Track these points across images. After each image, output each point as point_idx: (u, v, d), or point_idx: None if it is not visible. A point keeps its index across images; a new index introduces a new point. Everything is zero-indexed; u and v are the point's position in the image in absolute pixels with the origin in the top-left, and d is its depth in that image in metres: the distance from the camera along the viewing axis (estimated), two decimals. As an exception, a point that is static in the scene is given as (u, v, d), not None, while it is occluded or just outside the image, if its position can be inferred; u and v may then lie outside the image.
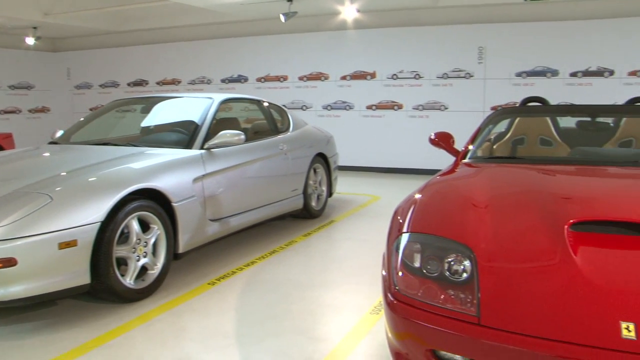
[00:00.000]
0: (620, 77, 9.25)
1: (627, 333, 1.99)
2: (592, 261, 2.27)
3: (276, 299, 4.11)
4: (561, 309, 2.13)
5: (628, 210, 2.62)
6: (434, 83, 10.20)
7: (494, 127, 4.41)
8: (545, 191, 2.95)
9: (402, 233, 2.59)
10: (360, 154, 10.69)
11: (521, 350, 2.07)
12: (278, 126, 6.36)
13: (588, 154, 4.03)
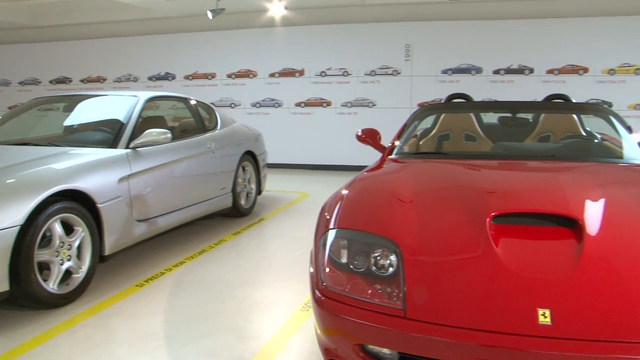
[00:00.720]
0: (540, 75, 9.63)
1: (543, 319, 2.08)
2: (511, 252, 2.36)
3: (206, 298, 4.07)
4: (483, 299, 2.20)
5: (545, 202, 2.73)
6: (362, 80, 10.33)
7: (419, 123, 4.51)
8: (469, 185, 3.04)
9: (329, 229, 2.62)
10: (289, 151, 10.72)
11: (445, 341, 2.13)
12: (206, 124, 6.29)
13: (509, 148, 4.17)
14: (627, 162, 3.73)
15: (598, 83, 9.51)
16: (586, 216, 2.50)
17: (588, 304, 2.13)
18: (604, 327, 2.07)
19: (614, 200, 2.80)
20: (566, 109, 4.74)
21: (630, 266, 2.28)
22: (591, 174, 3.42)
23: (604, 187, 3.04)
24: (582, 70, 9.55)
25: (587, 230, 2.40)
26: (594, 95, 9.45)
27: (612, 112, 4.37)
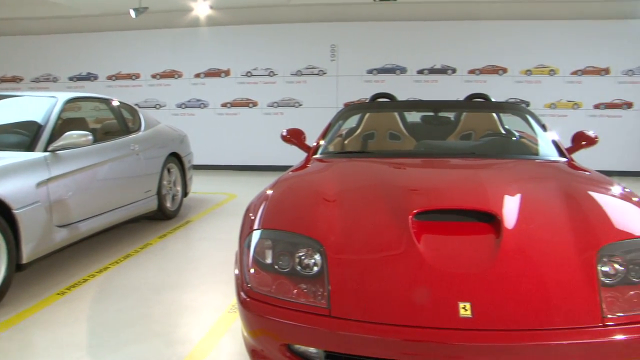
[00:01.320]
0: (462, 75, 9.91)
1: (464, 312, 2.15)
2: (433, 248, 2.42)
3: (131, 304, 3.98)
4: (406, 295, 2.25)
5: (465, 198, 2.82)
6: (288, 80, 10.34)
7: (343, 123, 4.56)
8: (392, 184, 3.10)
9: (254, 230, 2.61)
10: (216, 152, 10.61)
11: (370, 337, 2.16)
12: (129, 126, 6.15)
13: (432, 147, 4.27)
14: (543, 158, 3.89)
15: (516, 83, 9.88)
16: (504, 211, 2.59)
17: (506, 296, 2.22)
18: (521, 316, 2.15)
19: (530, 195, 2.91)
20: (486, 108, 4.90)
21: (545, 258, 2.39)
22: (509, 170, 3.55)
23: (521, 183, 3.16)
24: (501, 71, 9.88)
25: (505, 225, 2.48)
26: (513, 94, 9.80)
27: (528, 111, 4.54)
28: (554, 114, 9.76)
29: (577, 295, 2.22)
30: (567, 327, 2.12)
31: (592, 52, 9.78)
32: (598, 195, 2.97)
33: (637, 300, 2.25)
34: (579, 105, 9.88)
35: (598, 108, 9.89)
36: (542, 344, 2.09)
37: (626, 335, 2.14)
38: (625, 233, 2.50)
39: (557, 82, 9.90)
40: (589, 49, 9.77)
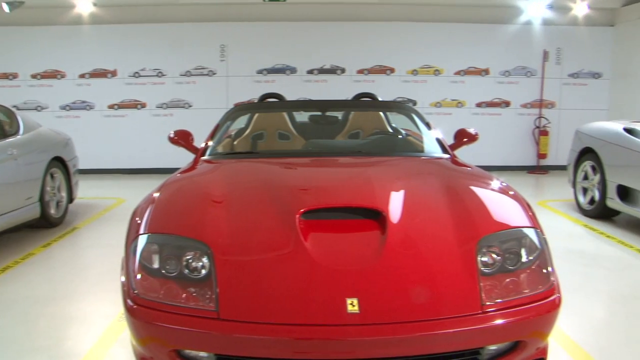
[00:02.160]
0: (351, 75, 10.11)
1: (351, 308, 2.20)
2: (321, 246, 2.45)
3: (12, 320, 3.76)
4: (295, 293, 2.28)
5: (352, 196, 2.89)
6: (177, 81, 10.15)
7: (232, 123, 4.53)
8: (280, 183, 3.12)
9: (140, 235, 2.56)
10: (103, 155, 10.22)
11: (261, 338, 2.17)
12: (5, 129, 5.81)
13: (320, 146, 4.33)
14: (427, 155, 4.04)
15: (403, 82, 10.20)
16: (389, 207, 2.67)
17: (392, 290, 2.30)
18: (406, 309, 2.24)
19: (414, 191, 3.03)
20: (373, 107, 5.03)
21: (428, 251, 2.50)
22: (395, 167, 3.66)
23: (405, 180, 3.27)
24: (389, 71, 10.17)
25: (390, 221, 2.56)
26: (401, 93, 10.12)
27: (413, 110, 4.70)
28: (439, 112, 10.15)
29: (459, 285, 2.34)
30: (449, 317, 2.24)
31: (473, 53, 10.26)
32: (478, 189, 3.12)
33: (513, 286, 2.41)
34: (462, 104, 10.34)
35: (480, 106, 10.39)
36: (427, 334, 2.19)
37: (503, 320, 2.29)
38: (502, 224, 2.65)
39: (442, 82, 10.30)
40: (471, 51, 10.24)
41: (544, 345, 2.55)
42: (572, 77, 10.53)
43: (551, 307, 2.42)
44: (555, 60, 10.44)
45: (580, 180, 6.88)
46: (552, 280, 2.50)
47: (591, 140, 6.67)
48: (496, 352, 2.39)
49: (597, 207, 6.53)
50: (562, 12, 9.89)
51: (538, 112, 10.46)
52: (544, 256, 2.54)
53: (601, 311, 4.05)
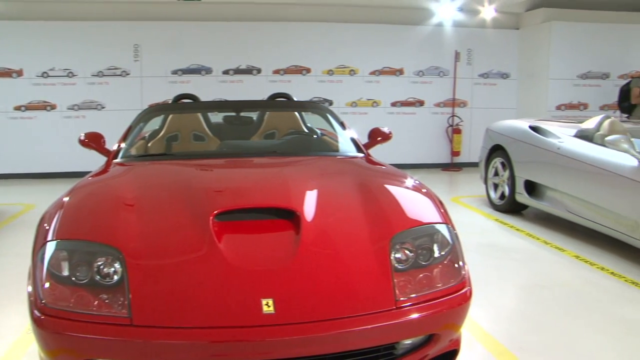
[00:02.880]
0: (267, 75, 10.09)
1: (267, 308, 2.20)
2: (235, 247, 2.44)
3: None
4: (210, 296, 2.25)
5: (266, 196, 2.89)
6: (89, 81, 9.81)
7: (145, 125, 4.44)
8: (194, 185, 3.08)
9: (48, 242, 2.45)
10: (11, 159, 9.73)
11: (176, 343, 2.13)
12: None
13: (235, 147, 4.30)
14: (342, 154, 4.09)
15: (319, 82, 10.26)
16: (304, 207, 2.69)
17: (306, 289, 2.31)
18: (321, 307, 2.26)
19: (329, 191, 3.06)
20: (287, 107, 5.04)
21: (342, 249, 2.53)
22: (310, 167, 3.69)
23: (320, 179, 3.29)
24: (305, 71, 10.21)
25: (304, 221, 2.58)
26: (317, 93, 10.18)
27: (328, 110, 4.74)
28: (355, 112, 10.28)
29: (373, 282, 2.38)
30: (364, 313, 2.27)
31: (388, 54, 10.44)
32: (391, 187, 3.19)
33: (426, 281, 2.47)
34: (378, 104, 10.51)
35: (395, 106, 10.59)
36: (342, 332, 2.22)
37: (417, 314, 2.35)
38: (414, 221, 2.72)
39: (358, 82, 10.43)
40: (385, 51, 10.42)
41: (457, 337, 2.63)
42: (482, 77, 10.91)
43: (463, 300, 2.50)
44: (466, 60, 10.78)
45: (491, 176, 7.14)
46: (463, 274, 2.58)
47: (500, 138, 6.94)
48: (411, 346, 2.45)
49: (507, 202, 6.80)
50: (472, 14, 10.22)
51: (451, 111, 10.78)
52: (455, 251, 2.62)
53: (511, 301, 4.22)
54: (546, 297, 4.23)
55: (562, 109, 10.43)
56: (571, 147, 5.76)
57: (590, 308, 4.03)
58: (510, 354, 3.26)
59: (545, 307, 4.04)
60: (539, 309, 4.03)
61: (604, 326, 3.71)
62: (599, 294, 4.31)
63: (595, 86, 10.55)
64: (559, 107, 10.41)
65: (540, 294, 4.29)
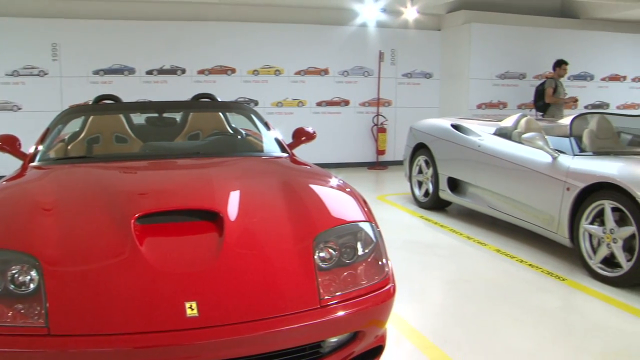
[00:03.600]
0: (192, 75, 9.94)
1: (191, 312, 2.18)
2: (158, 251, 2.40)
3: None
4: (132, 301, 2.21)
5: (189, 198, 2.85)
6: (3, 81, 9.38)
7: (64, 126, 4.29)
8: (115, 188, 3.02)
9: None
10: None
11: (97, 351, 2.08)
12: None
13: (158, 148, 4.22)
14: (267, 155, 4.09)
15: (245, 83, 10.20)
16: (227, 208, 2.67)
17: (231, 291, 2.30)
18: (245, 309, 2.25)
19: (253, 191, 3.05)
20: (211, 108, 4.99)
21: (267, 250, 2.53)
22: (234, 168, 3.67)
23: (244, 180, 3.28)
24: (230, 71, 10.12)
25: (228, 222, 2.56)
26: (242, 94, 10.11)
27: (252, 110, 4.72)
28: (281, 112, 10.28)
29: (297, 281, 2.39)
30: (289, 313, 2.27)
31: (313, 53, 10.49)
32: (315, 187, 3.21)
33: (351, 279, 2.50)
34: (303, 103, 10.54)
35: (320, 105, 10.64)
36: (267, 332, 2.22)
37: (342, 312, 2.37)
38: (338, 220, 2.75)
39: (283, 82, 10.42)
40: (310, 51, 10.46)
41: (382, 333, 2.68)
42: (406, 77, 11.11)
43: (387, 297, 2.54)
44: (390, 60, 10.95)
45: (415, 174, 7.29)
46: (387, 270, 2.62)
47: (423, 136, 7.09)
48: (337, 343, 2.47)
49: (431, 199, 6.96)
50: (395, 15, 10.38)
51: (376, 110, 10.92)
52: (378, 248, 2.66)
53: (436, 296, 4.33)
54: (469, 291, 4.36)
55: (483, 108, 10.76)
56: (490, 145, 5.96)
57: (510, 299, 4.18)
58: (436, 348, 3.35)
59: (468, 300, 4.17)
60: (463, 302, 4.16)
61: (522, 315, 3.87)
62: (518, 285, 4.48)
63: (513, 86, 10.94)
64: (479, 106, 10.74)
65: (463, 288, 4.42)
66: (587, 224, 4.59)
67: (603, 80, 11.81)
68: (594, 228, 4.54)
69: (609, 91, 11.89)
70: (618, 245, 4.33)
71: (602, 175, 4.50)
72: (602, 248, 4.47)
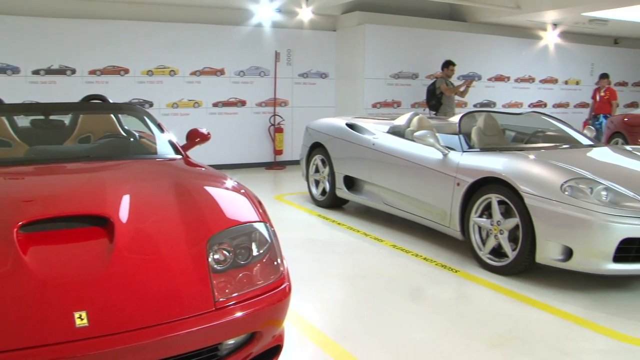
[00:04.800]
0: (83, 76, 9.55)
1: (80, 322, 2.08)
2: (43, 260, 2.28)
3: None
4: (17, 315, 2.08)
5: (77, 204, 2.73)
6: None
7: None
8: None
9: None
10: None
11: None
12: None
13: (45, 152, 4.03)
14: (160, 157, 4.00)
15: (139, 83, 9.90)
16: (118, 213, 2.58)
17: (122, 298, 2.22)
18: (138, 315, 2.18)
19: (145, 195, 2.97)
20: (102, 110, 4.82)
21: (159, 254, 2.47)
22: (126, 171, 3.56)
23: (136, 183, 3.19)
24: (123, 71, 9.80)
25: (118, 227, 2.47)
26: (136, 95, 9.82)
27: (144, 112, 4.59)
28: (176, 113, 10.08)
29: (191, 285, 2.35)
30: (183, 317, 2.23)
31: (208, 53, 10.33)
32: (209, 188, 3.17)
33: (246, 280, 2.48)
34: (199, 104, 10.37)
35: (217, 106, 10.51)
36: (161, 338, 2.16)
37: (238, 313, 2.35)
38: (232, 221, 2.72)
39: (178, 82, 10.21)
40: (206, 51, 10.30)
41: (279, 333, 2.67)
42: (302, 77, 11.18)
43: (282, 296, 2.54)
44: (286, 61, 10.98)
45: (312, 173, 7.35)
46: (282, 270, 2.62)
47: (319, 136, 7.16)
48: (234, 345, 2.45)
49: (329, 198, 7.04)
50: (290, 16, 10.42)
51: (273, 110, 10.93)
52: (273, 249, 2.66)
53: (335, 293, 4.37)
54: (367, 286, 4.44)
55: (378, 107, 11.01)
56: (384, 143, 6.10)
57: (406, 292, 4.30)
58: (335, 344, 3.38)
59: (366, 296, 4.25)
60: (360, 297, 4.23)
61: (418, 307, 3.99)
62: (414, 278, 4.62)
63: (407, 85, 11.26)
64: (374, 105, 10.97)
65: (361, 284, 4.50)
66: (477, 217, 4.80)
67: (490, 80, 12.41)
68: (482, 221, 4.75)
69: (495, 91, 12.52)
70: (504, 236, 4.56)
71: (489, 170, 4.72)
72: (491, 239, 4.68)
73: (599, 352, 3.39)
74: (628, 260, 4.14)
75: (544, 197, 4.26)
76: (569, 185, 4.26)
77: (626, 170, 4.94)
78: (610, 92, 11.83)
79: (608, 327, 3.70)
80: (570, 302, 4.09)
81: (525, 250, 4.39)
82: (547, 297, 4.18)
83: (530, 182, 4.38)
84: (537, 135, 6.26)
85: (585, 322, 3.77)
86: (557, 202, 4.20)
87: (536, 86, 13.17)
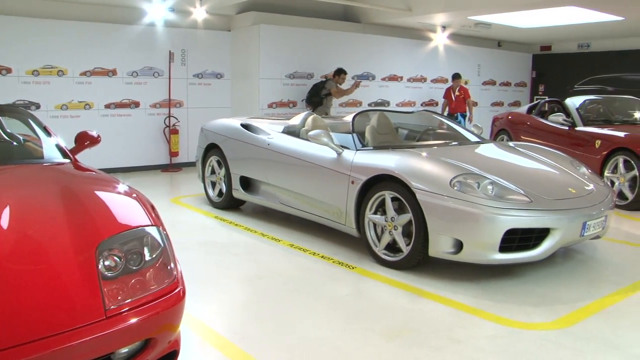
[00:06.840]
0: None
1: None
2: None
3: None
4: None
5: None
6: None
7: None
8: None
9: None
10: None
11: None
12: None
13: None
14: (47, 161, 3.83)
15: (23, 84, 9.41)
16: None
17: (5, 312, 2.12)
18: (22, 330, 2.09)
19: (29, 202, 2.83)
20: None
21: (44, 264, 2.36)
22: (9, 177, 3.37)
23: (19, 189, 3.03)
24: (5, 71, 9.28)
25: None
26: (21, 96, 9.33)
27: (29, 114, 4.39)
28: (66, 115, 9.66)
29: (79, 294, 2.27)
30: (71, 329, 2.15)
31: (99, 53, 9.95)
32: (99, 193, 3.07)
33: (139, 285, 2.42)
34: (90, 106, 9.98)
35: (109, 108, 10.16)
36: (50, 352, 2.07)
37: (130, 320, 2.29)
38: (122, 225, 2.65)
39: (67, 83, 9.78)
40: (97, 51, 9.91)
41: (175, 338, 2.63)
42: (197, 77, 11.01)
43: (176, 300, 2.50)
44: (180, 61, 10.78)
45: (208, 174, 7.26)
46: (175, 274, 2.58)
47: (215, 137, 7.09)
48: (128, 354, 2.39)
49: (225, 199, 6.98)
50: (184, 15, 10.24)
51: (167, 111, 10.70)
52: (166, 252, 2.61)
53: (232, 294, 4.34)
54: (265, 286, 4.44)
55: (274, 107, 11.02)
56: (279, 143, 6.13)
57: (304, 291, 4.34)
58: (233, 346, 3.37)
59: (265, 296, 4.25)
60: (259, 298, 4.23)
61: (316, 305, 4.04)
62: (312, 277, 4.66)
63: (302, 85, 11.33)
64: (270, 105, 10.98)
65: (259, 284, 4.50)
66: (371, 214, 4.91)
67: (383, 80, 12.73)
68: (377, 217, 4.87)
69: (389, 90, 12.86)
70: (398, 232, 4.70)
71: (382, 167, 4.84)
72: (385, 235, 4.81)
73: (488, 337, 3.56)
74: (512, 250, 4.38)
75: (435, 193, 4.43)
76: (458, 180, 4.45)
77: (510, 165, 5.24)
78: (464, 91, 12.64)
79: (495, 313, 3.91)
80: (462, 293, 4.28)
81: (419, 244, 4.55)
82: (440, 289, 4.35)
83: (421, 179, 4.54)
84: (428, 133, 6.49)
85: (475, 311, 3.96)
86: (447, 197, 4.38)
87: (428, 85, 13.65)
